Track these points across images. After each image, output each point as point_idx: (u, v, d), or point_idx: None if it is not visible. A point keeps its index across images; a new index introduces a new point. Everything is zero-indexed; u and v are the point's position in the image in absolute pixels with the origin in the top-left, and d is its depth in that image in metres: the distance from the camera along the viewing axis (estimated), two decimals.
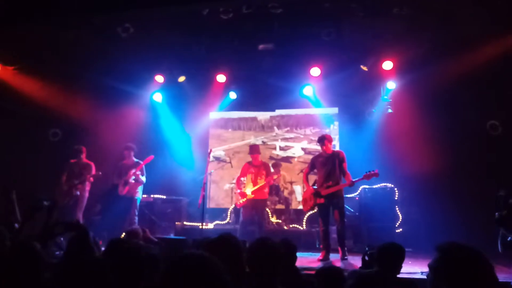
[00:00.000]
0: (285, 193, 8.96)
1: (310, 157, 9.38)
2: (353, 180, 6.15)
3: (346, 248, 6.23)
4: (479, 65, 7.09)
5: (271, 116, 10.23)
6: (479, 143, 7.72)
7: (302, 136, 9.96)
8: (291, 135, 10.05)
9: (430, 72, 7.50)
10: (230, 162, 9.95)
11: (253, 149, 7.34)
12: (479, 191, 7.35)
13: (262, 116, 10.27)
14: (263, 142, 10.05)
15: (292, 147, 9.92)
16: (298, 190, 8.91)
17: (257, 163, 7.26)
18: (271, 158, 9.83)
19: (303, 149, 9.85)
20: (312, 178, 6.73)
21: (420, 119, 7.91)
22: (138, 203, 7.64)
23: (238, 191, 7.22)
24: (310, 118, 9.98)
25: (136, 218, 7.55)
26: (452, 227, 6.71)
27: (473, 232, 6.35)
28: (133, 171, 7.46)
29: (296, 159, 9.81)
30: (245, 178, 7.32)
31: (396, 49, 7.82)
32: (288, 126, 10.12)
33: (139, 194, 7.68)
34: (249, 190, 7.10)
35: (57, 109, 8.50)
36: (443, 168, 7.53)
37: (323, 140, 6.42)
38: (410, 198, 7.98)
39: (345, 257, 6.09)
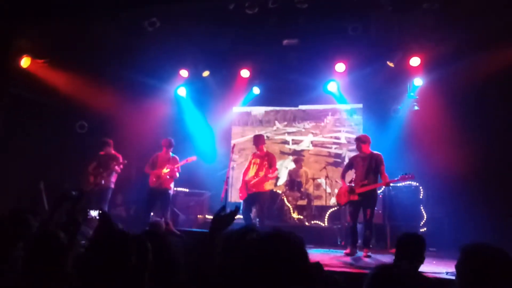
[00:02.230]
0: (310, 189, 8.93)
1: (320, 149, 9.73)
2: (389, 180, 6.23)
3: (370, 246, 6.36)
4: (509, 62, 6.89)
5: (265, 111, 10.24)
6: (509, 142, 7.50)
7: (303, 130, 9.99)
8: (293, 129, 10.06)
9: (459, 69, 7.30)
10: None
11: (259, 140, 7.17)
12: (507, 191, 7.16)
13: (257, 110, 10.28)
14: (267, 137, 10.06)
15: (302, 140, 9.93)
16: (323, 183, 8.89)
17: (262, 153, 7.14)
18: (282, 153, 9.81)
19: (311, 142, 9.89)
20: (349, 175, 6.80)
21: (447, 117, 7.73)
22: (170, 197, 7.72)
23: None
24: (303, 113, 10.04)
25: (168, 211, 7.62)
26: (478, 227, 6.56)
27: (500, 232, 6.20)
28: (169, 165, 7.51)
29: (309, 152, 9.81)
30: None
31: (424, 45, 7.64)
32: (286, 120, 10.16)
33: (172, 189, 7.72)
34: (249, 181, 6.94)
35: (84, 102, 8.66)
36: (469, 167, 7.35)
37: (358, 141, 6.64)
38: (435, 197, 7.82)
39: (369, 254, 6.17)
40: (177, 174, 7.71)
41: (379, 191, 7.81)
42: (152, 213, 7.78)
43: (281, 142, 10.09)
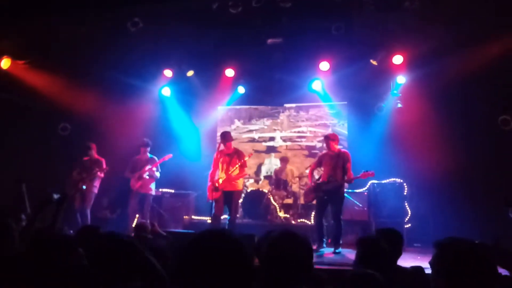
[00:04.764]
0: (294, 187, 8.94)
1: (293, 144, 9.88)
2: (353, 177, 6.48)
3: (341, 243, 6.53)
4: (490, 59, 7.00)
5: (218, 108, 10.31)
6: (491, 138, 7.63)
7: (266, 127, 10.07)
8: (255, 126, 10.14)
9: (441, 66, 7.40)
10: None
11: (228, 137, 6.87)
12: (489, 186, 7.28)
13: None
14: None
15: (274, 137, 10.03)
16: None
17: (229, 150, 6.87)
18: (257, 151, 9.81)
19: (280, 137, 10.03)
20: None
21: (430, 114, 7.83)
22: (151, 199, 7.79)
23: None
24: (256, 111, 10.18)
25: (148, 213, 7.70)
26: (461, 223, 6.66)
27: (484, 227, 6.30)
28: (148, 167, 7.60)
29: (286, 147, 9.92)
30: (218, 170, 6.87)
31: (406, 43, 7.72)
32: (242, 118, 10.26)
33: (153, 191, 7.83)
34: (221, 181, 6.73)
35: (67, 103, 8.55)
36: (453, 163, 7.45)
37: (327, 139, 6.76)
38: (419, 194, 7.92)
39: (338, 251, 6.40)
40: (157, 174, 7.81)
41: (363, 189, 7.92)
42: (137, 215, 7.78)
43: (248, 140, 10.11)
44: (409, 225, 7.51)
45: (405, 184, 7.72)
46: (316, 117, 9.84)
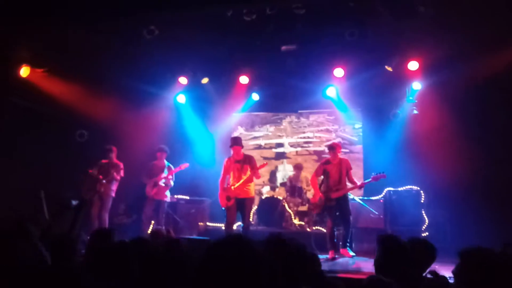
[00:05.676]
0: (308, 194, 8.90)
1: (301, 150, 9.89)
2: (363, 182, 6.74)
3: (349, 243, 6.70)
4: (507, 64, 6.91)
5: (233, 114, 10.30)
6: (509, 145, 7.50)
7: (270, 133, 10.11)
8: (260, 133, 10.16)
9: (458, 72, 7.32)
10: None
11: (235, 141, 6.94)
12: (508, 193, 7.15)
13: None
14: None
15: (283, 143, 10.05)
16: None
17: (239, 157, 6.88)
18: (266, 158, 9.80)
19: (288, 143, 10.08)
20: None
21: (446, 120, 7.74)
22: (166, 206, 7.86)
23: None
24: (257, 117, 10.25)
25: (163, 220, 7.78)
26: (480, 231, 6.54)
27: (502, 236, 6.17)
28: (164, 175, 7.67)
29: (296, 153, 9.95)
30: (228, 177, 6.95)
31: (422, 49, 7.65)
32: (244, 125, 10.30)
33: (167, 197, 7.92)
34: (233, 188, 6.77)
35: (84, 110, 8.67)
36: (470, 171, 7.35)
37: (334, 148, 6.83)
38: (437, 201, 7.81)
39: (352, 255, 6.54)
40: (172, 183, 7.89)
41: (379, 196, 7.85)
42: (153, 222, 7.84)
43: (254, 147, 10.12)
44: (427, 233, 7.40)
45: (422, 191, 7.63)
46: (317, 123, 9.88)
